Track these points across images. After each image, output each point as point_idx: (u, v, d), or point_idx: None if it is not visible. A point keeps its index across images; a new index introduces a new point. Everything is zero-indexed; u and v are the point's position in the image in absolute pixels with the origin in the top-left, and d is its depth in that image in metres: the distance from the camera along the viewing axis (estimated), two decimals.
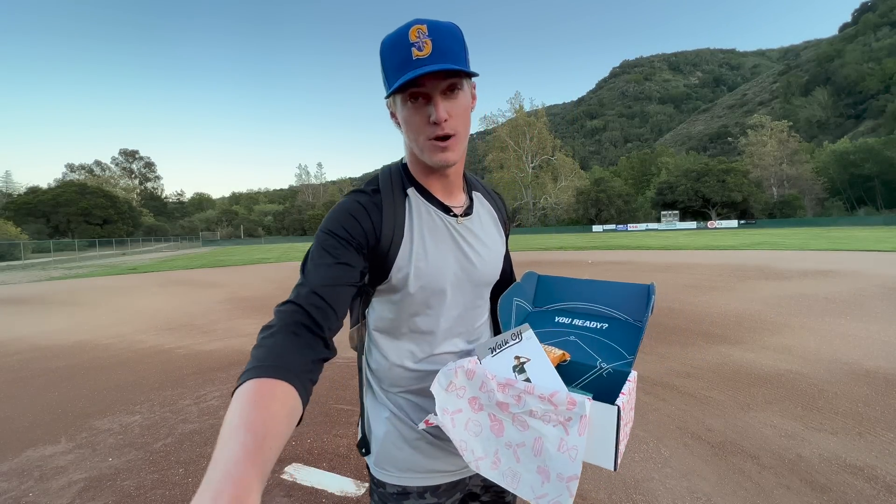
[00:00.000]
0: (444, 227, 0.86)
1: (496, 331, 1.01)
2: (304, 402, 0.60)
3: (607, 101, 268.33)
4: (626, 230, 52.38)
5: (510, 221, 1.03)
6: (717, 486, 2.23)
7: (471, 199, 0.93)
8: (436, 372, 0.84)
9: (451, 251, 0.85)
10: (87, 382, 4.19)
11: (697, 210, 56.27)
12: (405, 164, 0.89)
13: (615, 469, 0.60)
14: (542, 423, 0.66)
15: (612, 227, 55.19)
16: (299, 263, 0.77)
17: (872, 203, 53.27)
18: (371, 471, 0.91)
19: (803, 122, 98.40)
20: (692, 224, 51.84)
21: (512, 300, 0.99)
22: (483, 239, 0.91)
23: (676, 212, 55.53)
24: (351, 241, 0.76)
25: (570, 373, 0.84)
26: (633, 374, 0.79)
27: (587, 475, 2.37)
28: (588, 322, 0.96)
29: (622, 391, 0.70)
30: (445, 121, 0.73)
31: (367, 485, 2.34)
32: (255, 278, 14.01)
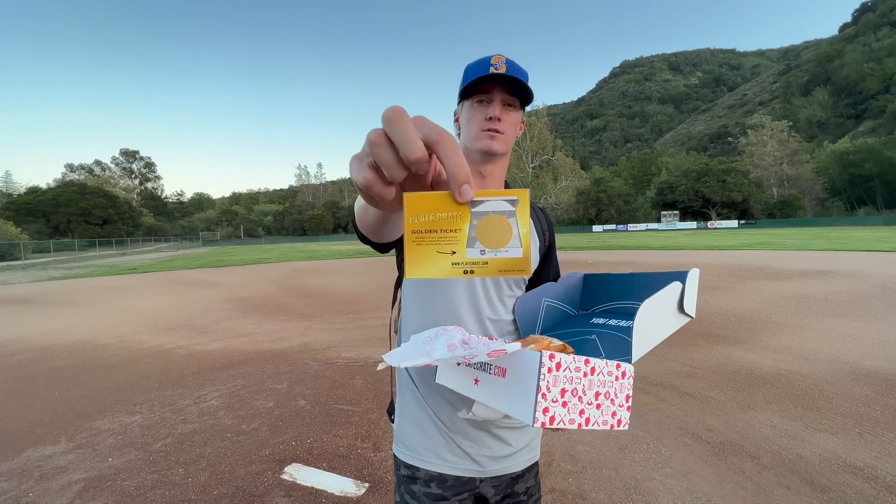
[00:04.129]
0: None
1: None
2: None
3: (607, 101, 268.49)
4: (627, 230, 52.40)
5: (548, 234, 1.05)
6: (717, 486, 2.23)
7: None
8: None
9: None
10: (87, 382, 4.19)
11: (697, 210, 56.27)
12: None
13: (533, 424, 0.55)
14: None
15: (613, 227, 55.19)
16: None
17: (872, 203, 53.25)
18: (393, 447, 1.01)
19: (803, 123, 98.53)
20: (692, 224, 51.85)
21: (540, 300, 0.93)
22: None
23: (676, 212, 55.52)
24: None
25: None
26: (626, 367, 0.68)
27: (590, 475, 2.38)
28: (622, 321, 0.83)
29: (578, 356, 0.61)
30: (500, 120, 0.89)
31: (366, 485, 2.35)
32: (255, 278, 14.00)
